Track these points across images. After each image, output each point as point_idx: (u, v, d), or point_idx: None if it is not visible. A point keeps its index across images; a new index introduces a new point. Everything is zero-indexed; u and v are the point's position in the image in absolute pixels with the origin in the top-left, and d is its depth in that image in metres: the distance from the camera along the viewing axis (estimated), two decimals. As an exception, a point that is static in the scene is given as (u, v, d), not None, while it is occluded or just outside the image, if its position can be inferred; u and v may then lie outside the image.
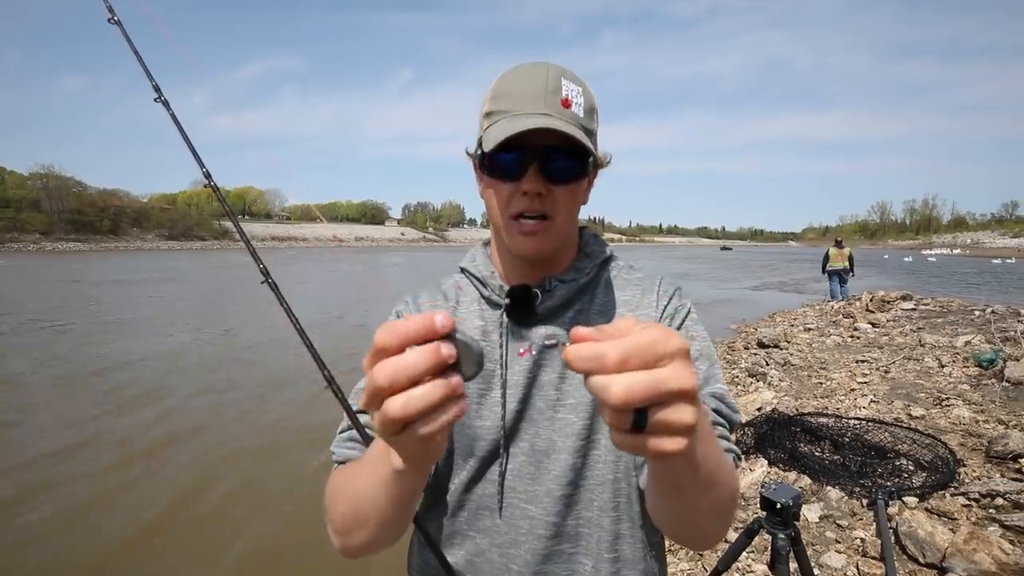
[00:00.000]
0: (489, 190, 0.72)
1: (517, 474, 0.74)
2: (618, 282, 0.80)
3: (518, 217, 0.69)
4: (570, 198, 0.70)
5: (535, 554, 0.73)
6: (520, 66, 0.71)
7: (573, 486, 0.73)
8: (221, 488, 4.05)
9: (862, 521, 2.80)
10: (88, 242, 55.08)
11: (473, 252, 0.84)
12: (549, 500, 0.72)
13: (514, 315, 0.74)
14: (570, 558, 0.74)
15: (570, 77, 0.69)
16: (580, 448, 0.72)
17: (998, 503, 2.78)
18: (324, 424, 5.30)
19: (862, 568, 2.40)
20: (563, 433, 0.73)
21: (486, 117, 0.70)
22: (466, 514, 0.76)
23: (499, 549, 0.74)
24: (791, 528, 1.69)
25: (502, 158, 0.67)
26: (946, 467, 3.19)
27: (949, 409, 4.32)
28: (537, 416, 0.74)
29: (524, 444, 0.74)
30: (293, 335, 0.78)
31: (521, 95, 0.67)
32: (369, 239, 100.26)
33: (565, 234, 0.73)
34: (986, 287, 19.65)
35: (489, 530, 0.75)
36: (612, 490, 0.73)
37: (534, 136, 0.64)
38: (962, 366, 5.63)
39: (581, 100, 0.68)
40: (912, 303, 10.59)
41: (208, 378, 6.97)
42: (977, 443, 3.57)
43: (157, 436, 4.97)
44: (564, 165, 0.67)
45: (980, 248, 77.01)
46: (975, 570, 2.21)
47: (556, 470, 0.72)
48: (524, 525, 0.73)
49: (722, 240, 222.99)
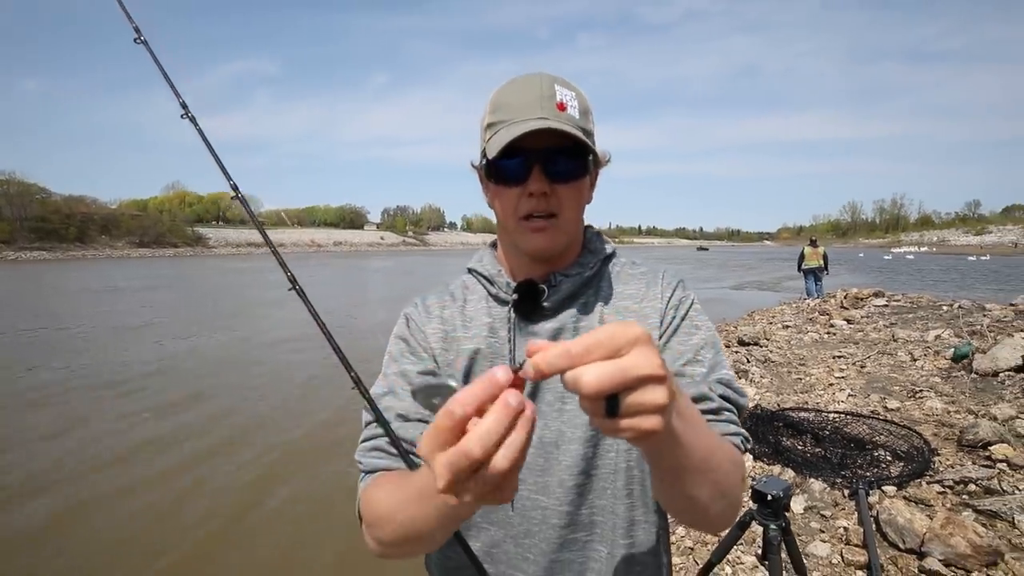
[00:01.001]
0: (495, 195, 0.76)
1: (527, 466, 0.75)
2: (623, 276, 0.83)
3: (527, 218, 0.73)
4: (574, 196, 0.74)
5: (550, 543, 0.75)
6: (515, 78, 0.75)
7: (585, 475, 0.75)
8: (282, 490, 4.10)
9: (844, 511, 2.91)
10: (54, 251, 53.21)
11: (480, 253, 0.87)
12: (561, 490, 0.75)
13: (521, 310, 0.77)
14: (585, 545, 0.76)
15: (563, 83, 0.72)
16: (590, 438, 0.75)
17: (971, 489, 2.92)
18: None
19: (846, 556, 2.50)
20: (572, 424, 0.75)
21: (487, 129, 0.74)
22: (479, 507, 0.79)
23: (514, 540, 0.76)
24: (782, 519, 1.76)
25: (506, 164, 0.71)
26: (921, 456, 3.33)
27: (922, 401, 4.50)
28: (546, 408, 0.76)
29: (533, 437, 0.76)
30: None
31: (518, 104, 0.71)
32: (348, 244, 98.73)
33: (572, 230, 0.77)
34: (952, 283, 20.37)
35: (503, 522, 0.77)
36: (625, 477, 0.76)
37: (534, 140, 0.67)
38: (933, 359, 5.85)
39: (575, 103, 0.72)
40: (884, 299, 10.93)
41: (245, 380, 7.00)
42: (949, 433, 3.73)
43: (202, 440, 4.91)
44: (565, 164, 0.71)
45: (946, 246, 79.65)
46: (952, 553, 2.33)
47: (567, 460, 0.75)
48: (537, 516, 0.76)
49: (699, 240, 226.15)
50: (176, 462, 4.60)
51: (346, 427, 5.31)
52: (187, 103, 0.84)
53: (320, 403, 6.13)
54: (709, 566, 2.02)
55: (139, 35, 0.87)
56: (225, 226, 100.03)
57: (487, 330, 0.79)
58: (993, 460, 3.18)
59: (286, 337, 9.74)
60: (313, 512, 3.80)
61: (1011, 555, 2.34)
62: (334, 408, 5.92)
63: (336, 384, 6.45)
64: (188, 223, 79.50)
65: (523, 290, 0.77)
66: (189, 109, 0.85)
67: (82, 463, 4.57)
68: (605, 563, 0.76)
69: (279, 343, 9.37)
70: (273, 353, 8.71)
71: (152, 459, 4.66)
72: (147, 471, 4.43)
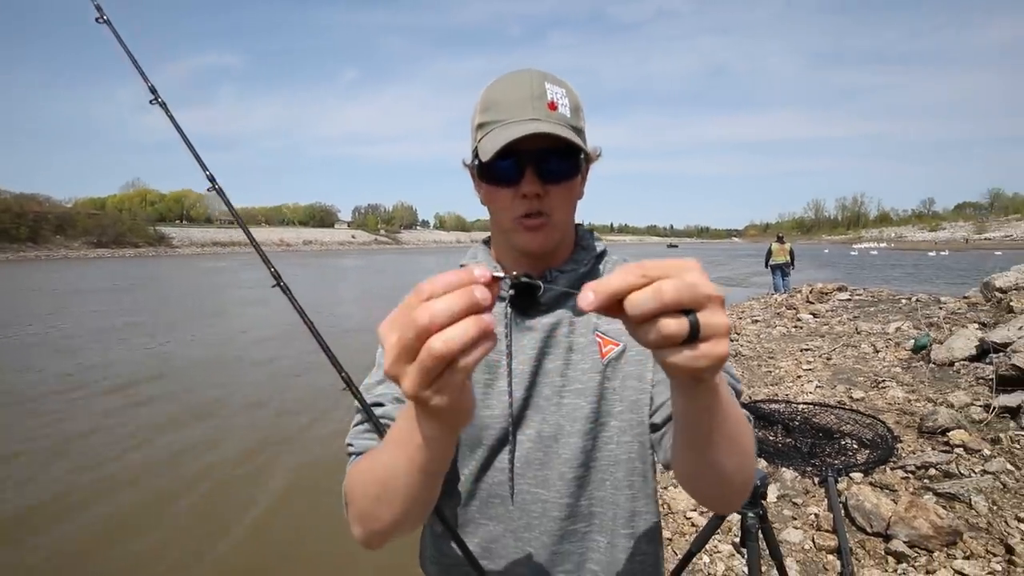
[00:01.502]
0: (488, 195, 0.76)
1: (525, 460, 0.76)
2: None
3: (521, 217, 0.73)
4: (566, 195, 0.74)
5: (550, 535, 0.75)
6: (504, 76, 0.75)
7: (584, 467, 0.76)
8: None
9: (815, 498, 3.00)
10: (5, 251, 50.68)
11: (474, 250, 0.87)
12: (561, 483, 0.75)
13: (518, 305, 0.78)
14: (584, 536, 0.77)
15: (552, 80, 0.73)
16: (589, 431, 0.75)
17: (931, 473, 3.04)
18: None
19: (818, 541, 2.58)
20: (570, 418, 0.76)
21: (478, 129, 0.74)
22: (477, 503, 0.78)
23: (513, 534, 0.77)
24: (759, 507, 1.80)
25: (499, 166, 0.71)
26: (885, 444, 3.46)
27: (885, 390, 4.68)
28: (543, 403, 0.76)
29: (531, 431, 0.76)
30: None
31: (509, 104, 0.71)
32: (318, 243, 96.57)
33: (564, 228, 0.77)
34: (909, 278, 21.26)
35: (502, 517, 0.77)
36: (626, 469, 0.77)
37: (527, 141, 0.67)
38: (894, 351, 6.09)
39: (566, 101, 0.72)
40: (847, 294, 11.32)
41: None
42: (910, 420, 3.89)
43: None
44: (557, 166, 0.71)
45: (903, 241, 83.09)
46: (915, 535, 2.43)
47: (566, 454, 0.75)
48: (536, 509, 0.76)
49: (670, 238, 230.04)
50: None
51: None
52: (156, 87, 0.80)
53: (345, 408, 5.96)
54: (689, 555, 2.06)
55: (101, 14, 0.82)
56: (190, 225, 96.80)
57: None
58: (951, 445, 3.33)
59: (269, 336, 9.49)
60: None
61: (969, 534, 2.45)
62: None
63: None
64: (150, 222, 76.71)
65: (519, 286, 0.77)
66: (159, 94, 0.81)
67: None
68: (605, 552, 0.77)
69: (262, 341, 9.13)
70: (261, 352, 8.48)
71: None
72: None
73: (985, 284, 8.74)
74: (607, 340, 0.77)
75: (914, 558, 2.37)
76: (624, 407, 0.76)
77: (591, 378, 0.76)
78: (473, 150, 0.76)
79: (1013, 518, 2.53)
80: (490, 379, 0.77)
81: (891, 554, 2.42)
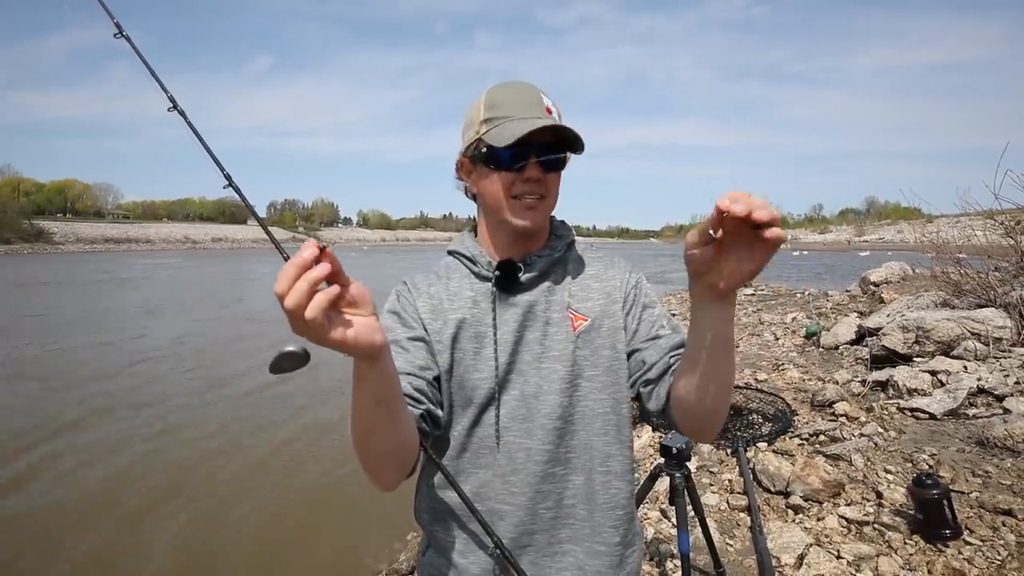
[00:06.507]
0: (489, 179, 0.89)
1: (511, 416, 0.88)
2: (586, 258, 1.00)
3: (519, 197, 0.88)
4: (557, 182, 0.91)
5: (534, 476, 0.88)
6: (505, 83, 0.92)
7: (563, 420, 0.89)
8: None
9: (728, 466, 3.40)
10: None
11: (461, 237, 1.01)
12: (543, 432, 0.88)
13: (501, 284, 0.92)
14: (562, 478, 0.90)
15: (544, 94, 0.90)
16: (565, 390, 0.89)
17: (821, 440, 3.54)
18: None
19: (731, 502, 2.95)
20: (548, 379, 0.89)
21: (485, 123, 0.88)
22: (469, 455, 0.91)
23: (501, 479, 0.89)
24: (685, 468, 2.08)
25: (510, 152, 0.85)
26: (785, 417, 3.95)
27: (784, 372, 5.29)
28: (525, 367, 0.89)
29: (515, 391, 0.90)
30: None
31: (517, 104, 0.87)
32: (229, 240, 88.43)
33: (551, 210, 0.94)
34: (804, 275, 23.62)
35: (490, 464, 0.89)
36: (602, 420, 0.92)
37: (533, 135, 0.82)
38: (791, 338, 6.85)
39: (555, 110, 0.90)
40: (752, 289, 12.45)
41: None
42: (804, 396, 4.45)
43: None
44: (555, 158, 0.87)
45: (798, 243, 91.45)
46: (809, 490, 2.85)
47: (546, 408, 0.88)
48: (521, 456, 0.88)
49: (592, 238, 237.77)
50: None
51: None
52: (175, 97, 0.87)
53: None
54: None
55: (120, 30, 0.87)
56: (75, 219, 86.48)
57: (470, 302, 0.92)
58: (836, 416, 3.88)
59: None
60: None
61: (850, 486, 2.92)
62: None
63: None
64: (25, 215, 67.75)
65: (503, 268, 0.92)
66: (178, 103, 0.87)
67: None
68: (582, 488, 0.91)
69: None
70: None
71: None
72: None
73: (863, 279, 9.99)
74: (577, 316, 0.92)
75: (808, 508, 2.79)
76: (599, 371, 0.92)
77: (565, 347, 0.91)
78: (473, 142, 0.89)
79: (883, 470, 3.04)
80: (478, 347, 0.90)
81: (790, 507, 2.82)
